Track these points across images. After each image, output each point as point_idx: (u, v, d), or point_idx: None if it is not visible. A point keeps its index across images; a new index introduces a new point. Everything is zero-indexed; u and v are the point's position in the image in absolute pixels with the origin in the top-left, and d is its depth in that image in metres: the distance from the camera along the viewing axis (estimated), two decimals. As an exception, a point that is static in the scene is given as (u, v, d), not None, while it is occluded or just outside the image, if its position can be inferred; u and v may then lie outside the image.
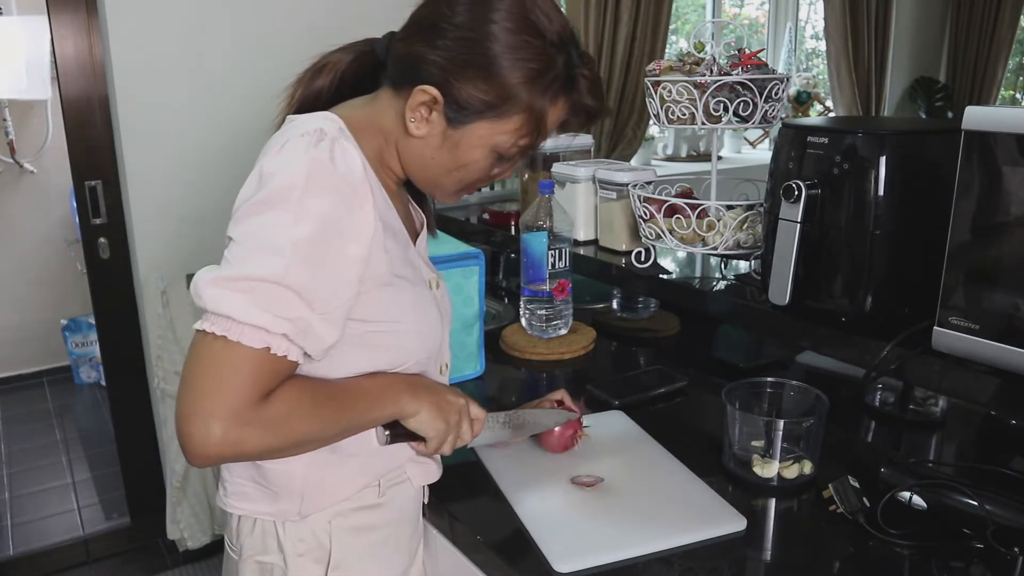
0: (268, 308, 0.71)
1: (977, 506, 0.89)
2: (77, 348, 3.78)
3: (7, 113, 3.60)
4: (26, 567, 2.47)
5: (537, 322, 1.52)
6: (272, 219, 0.73)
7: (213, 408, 0.70)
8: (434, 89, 0.80)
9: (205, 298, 0.72)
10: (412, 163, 0.86)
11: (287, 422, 0.75)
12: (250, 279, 0.71)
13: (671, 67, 1.42)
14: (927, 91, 4.31)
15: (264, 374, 0.72)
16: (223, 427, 0.70)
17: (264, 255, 0.72)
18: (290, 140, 0.77)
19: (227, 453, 0.72)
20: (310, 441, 0.79)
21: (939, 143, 1.06)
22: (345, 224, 0.75)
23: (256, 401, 0.72)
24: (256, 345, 0.71)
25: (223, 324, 0.71)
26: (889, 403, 1.27)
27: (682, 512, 0.96)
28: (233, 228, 0.75)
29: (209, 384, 0.71)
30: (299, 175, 0.74)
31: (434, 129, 0.82)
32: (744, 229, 1.36)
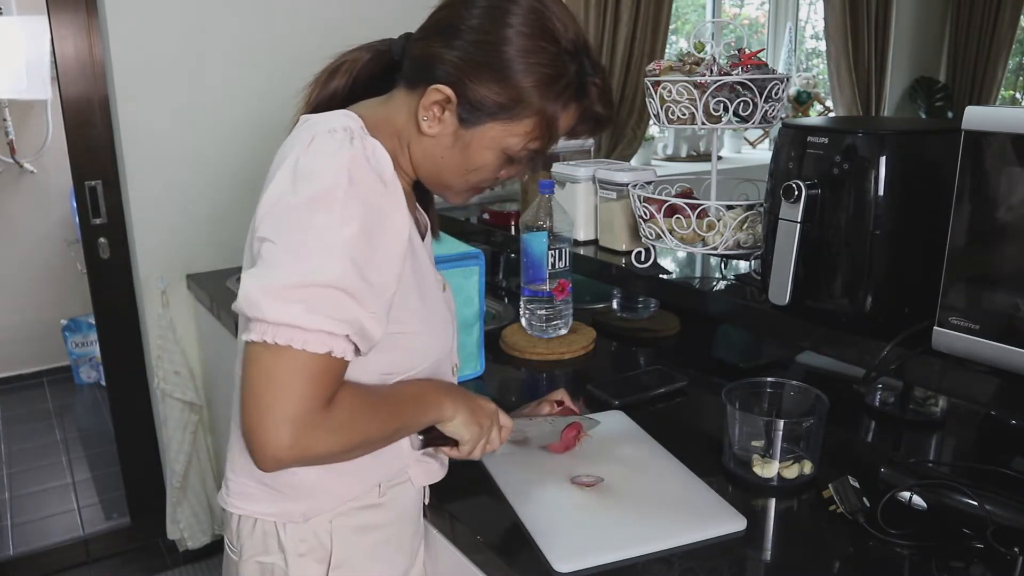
0: (328, 312, 0.72)
1: (977, 506, 0.89)
2: (77, 348, 3.78)
3: (7, 113, 3.60)
4: (26, 567, 2.47)
5: (537, 322, 1.52)
6: (320, 221, 0.72)
7: (284, 414, 0.71)
8: (448, 88, 0.81)
9: (264, 309, 0.71)
10: (424, 163, 0.87)
11: (351, 425, 0.76)
12: (305, 285, 0.71)
13: (671, 67, 1.42)
14: (927, 91, 4.31)
15: (328, 377, 0.74)
16: (294, 432, 0.71)
17: (315, 258, 0.72)
18: (318, 136, 0.76)
19: (299, 457, 0.73)
20: (369, 444, 0.81)
21: (939, 143, 1.06)
22: (387, 221, 0.76)
23: (323, 405, 0.73)
24: (320, 350, 0.72)
25: (286, 334, 0.71)
26: (889, 403, 1.27)
27: (682, 512, 0.96)
28: (272, 229, 0.74)
29: (277, 392, 0.71)
30: (341, 173, 0.73)
31: (446, 129, 0.83)
32: (744, 229, 1.36)
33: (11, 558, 2.48)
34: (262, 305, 0.71)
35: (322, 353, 0.72)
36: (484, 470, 1.08)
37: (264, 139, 1.43)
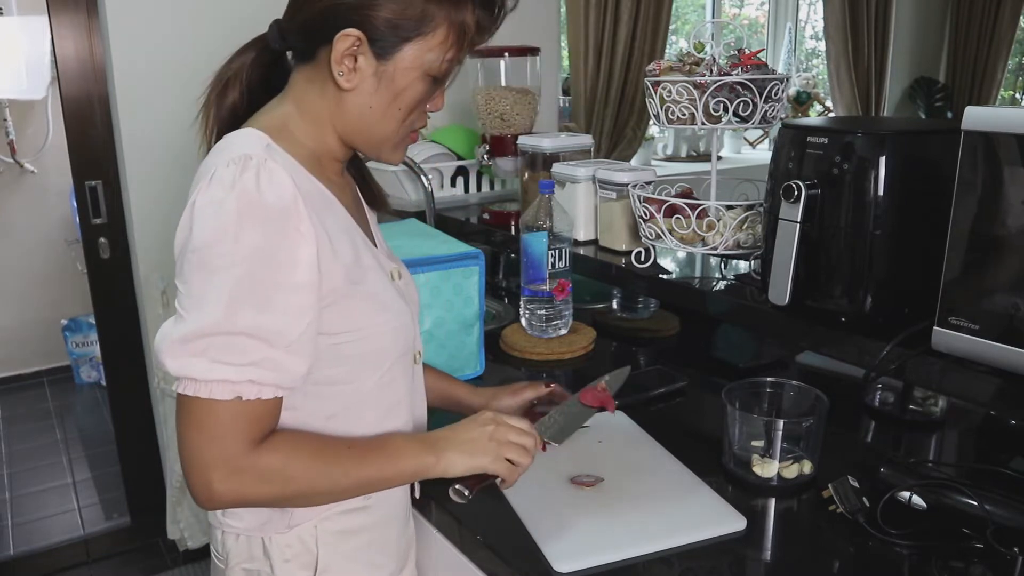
0: (227, 360, 0.73)
1: (977, 506, 0.89)
2: (77, 348, 3.78)
3: (7, 113, 3.60)
4: (26, 567, 2.47)
5: (537, 322, 1.52)
6: (209, 266, 0.73)
7: (207, 459, 0.74)
8: (355, 30, 0.78)
9: (168, 367, 0.74)
10: (352, 123, 0.84)
11: (284, 471, 0.77)
12: (202, 335, 0.73)
13: (671, 67, 1.42)
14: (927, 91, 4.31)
15: (245, 421, 0.75)
16: (219, 476, 0.74)
17: (209, 306, 0.73)
18: (217, 171, 0.75)
19: (231, 500, 0.76)
20: (320, 492, 0.81)
21: (939, 143, 1.06)
22: (283, 254, 0.74)
23: (246, 448, 0.75)
24: (226, 397, 0.73)
25: (192, 386, 0.74)
26: (889, 403, 1.27)
27: (682, 512, 0.96)
28: (178, 276, 0.77)
29: (198, 439, 0.74)
30: (229, 214, 0.73)
31: (365, 73, 0.81)
32: (744, 229, 1.36)
33: (11, 558, 2.48)
34: (166, 361, 0.74)
35: (230, 399, 0.73)
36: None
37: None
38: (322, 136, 0.85)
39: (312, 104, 0.84)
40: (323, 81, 0.82)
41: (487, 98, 1.96)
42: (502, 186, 2.22)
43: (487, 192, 2.21)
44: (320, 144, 0.86)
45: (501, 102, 1.95)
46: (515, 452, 0.87)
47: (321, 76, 0.82)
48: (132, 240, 2.15)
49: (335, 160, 0.88)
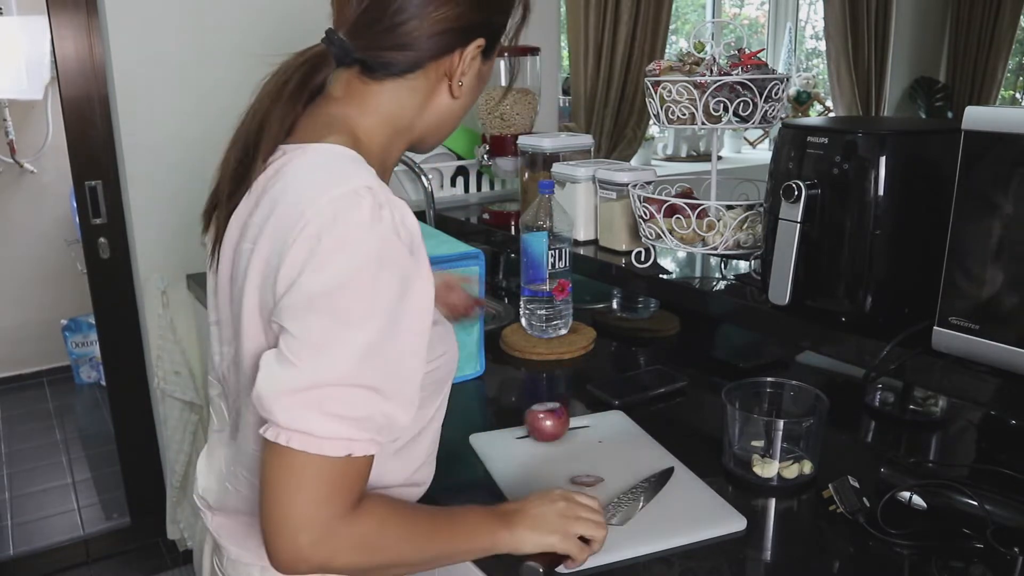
0: (345, 413, 0.67)
1: (977, 506, 0.89)
2: (77, 348, 3.78)
3: (7, 113, 3.60)
4: (26, 567, 2.47)
5: (537, 322, 1.52)
6: (341, 313, 0.66)
7: (301, 520, 0.67)
8: (482, 38, 0.80)
9: (276, 415, 0.67)
10: (437, 127, 0.85)
11: (379, 539, 0.72)
12: (320, 385, 0.66)
13: (671, 67, 1.42)
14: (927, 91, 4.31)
15: (349, 480, 0.69)
16: (311, 539, 0.67)
17: (336, 357, 0.66)
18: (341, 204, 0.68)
19: (318, 566, 0.69)
20: (401, 564, 0.76)
21: (939, 143, 1.06)
22: (414, 297, 0.70)
23: (346, 511, 0.69)
24: (339, 454, 0.67)
25: (301, 440, 0.66)
26: (889, 403, 1.27)
27: (682, 512, 0.96)
28: (289, 317, 0.68)
29: (293, 497, 0.67)
30: (371, 259, 0.67)
31: (472, 76, 0.82)
32: (744, 229, 1.36)
33: (11, 558, 2.48)
34: (274, 409, 0.67)
35: (341, 456, 0.67)
36: (484, 470, 1.08)
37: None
38: (396, 143, 0.83)
39: (401, 113, 0.81)
40: (423, 91, 0.81)
41: (487, 98, 1.96)
42: (502, 186, 2.22)
43: (487, 192, 2.21)
44: (388, 152, 0.83)
45: (501, 102, 1.95)
46: (585, 528, 0.83)
47: (422, 86, 0.80)
48: (132, 240, 2.14)
49: (392, 167, 0.86)
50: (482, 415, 1.33)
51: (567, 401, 1.32)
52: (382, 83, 0.80)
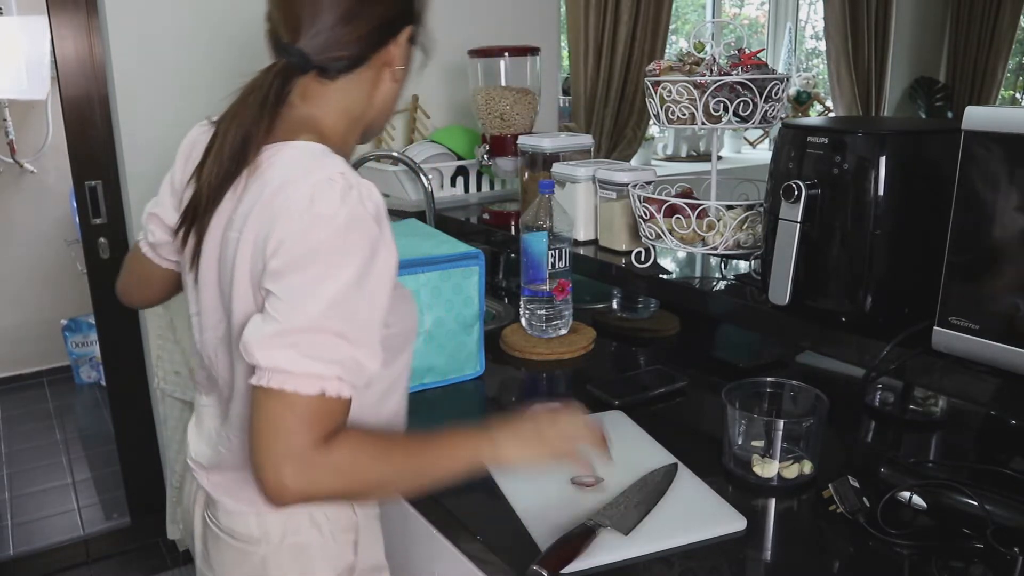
0: (319, 355, 0.77)
1: (977, 506, 0.89)
2: (77, 348, 3.78)
3: (7, 113, 3.60)
4: (26, 567, 2.47)
5: (537, 322, 1.52)
6: (314, 272, 0.78)
7: (281, 453, 0.76)
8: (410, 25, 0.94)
9: (257, 357, 0.77)
10: (382, 112, 0.97)
11: (355, 463, 0.80)
12: (296, 331, 0.76)
13: (671, 67, 1.42)
14: (927, 91, 4.31)
15: (322, 416, 0.78)
16: (293, 469, 0.76)
17: (307, 306, 0.77)
18: (317, 188, 0.80)
19: (303, 494, 0.78)
20: (383, 484, 0.85)
21: (939, 143, 1.06)
22: (379, 262, 0.81)
23: (319, 444, 0.77)
24: (312, 392, 0.76)
25: (279, 378, 0.76)
26: (889, 403, 1.27)
27: (682, 512, 0.96)
28: (272, 282, 0.79)
29: (274, 433, 0.76)
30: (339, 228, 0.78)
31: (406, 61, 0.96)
32: (744, 229, 1.36)
33: (11, 558, 2.48)
34: (256, 352, 0.77)
35: (314, 394, 0.76)
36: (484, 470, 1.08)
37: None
38: (352, 132, 0.95)
39: (355, 104, 0.93)
40: (368, 81, 0.93)
41: (487, 98, 1.96)
42: (502, 186, 2.22)
43: (487, 192, 2.21)
44: (347, 141, 0.95)
45: (501, 102, 1.95)
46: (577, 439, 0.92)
47: (368, 78, 0.92)
48: (132, 240, 2.14)
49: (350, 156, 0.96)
50: (482, 415, 1.33)
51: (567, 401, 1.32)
52: (336, 81, 0.91)
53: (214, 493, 0.96)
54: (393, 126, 2.32)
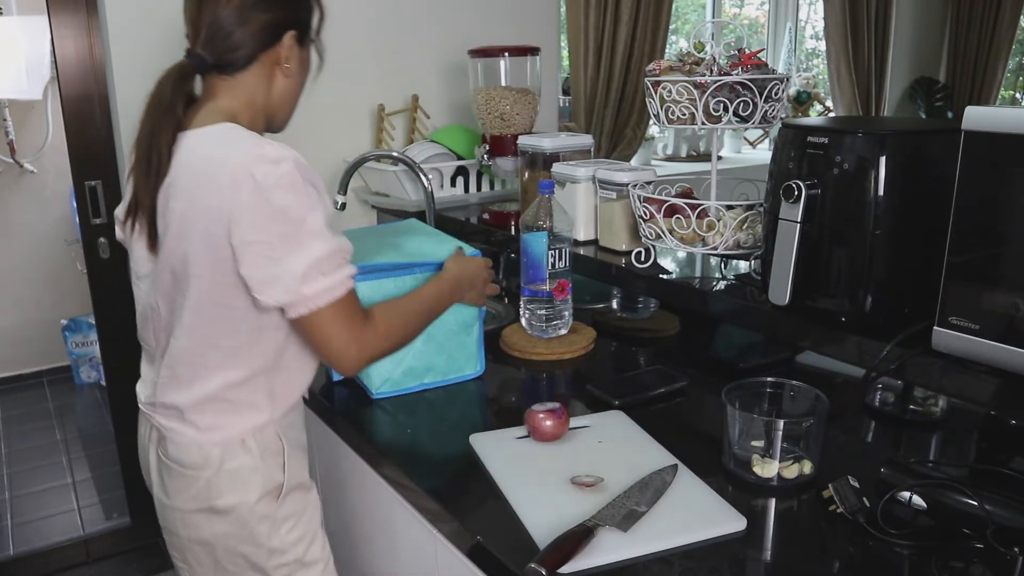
0: (334, 268, 1.03)
1: (977, 506, 0.89)
2: (77, 348, 3.78)
3: (7, 113, 3.60)
4: (26, 567, 2.47)
5: (537, 322, 1.52)
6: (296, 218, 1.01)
7: (346, 341, 1.05)
8: (294, 31, 1.13)
9: (305, 291, 1.01)
10: (282, 103, 1.17)
11: (391, 323, 1.12)
12: (316, 262, 1.01)
13: (671, 67, 1.42)
14: (927, 91, 4.31)
15: (355, 303, 1.07)
16: (357, 347, 1.06)
17: (307, 243, 1.01)
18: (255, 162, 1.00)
19: (370, 357, 1.09)
20: (411, 331, 1.18)
21: (939, 143, 1.06)
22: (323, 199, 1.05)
23: (365, 321, 1.07)
24: (343, 293, 1.04)
25: (325, 297, 1.02)
26: (889, 403, 1.27)
27: (682, 512, 0.96)
28: (257, 233, 1.00)
29: (337, 333, 1.04)
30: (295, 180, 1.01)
31: (295, 61, 1.15)
32: (744, 229, 1.36)
33: (11, 558, 2.48)
34: (301, 290, 1.01)
35: (344, 294, 1.04)
36: (484, 470, 1.08)
37: (264, 139, 1.43)
38: (257, 119, 1.14)
39: (255, 95, 1.13)
40: (263, 76, 1.13)
41: (487, 98, 1.96)
42: (502, 186, 2.22)
43: (487, 192, 2.21)
44: (255, 128, 1.12)
45: (501, 102, 1.95)
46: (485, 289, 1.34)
47: (263, 74, 1.13)
48: (132, 240, 2.14)
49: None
50: (482, 415, 1.33)
51: (567, 401, 1.32)
52: (235, 76, 1.11)
53: (165, 429, 1.14)
54: (393, 126, 2.33)
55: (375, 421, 1.29)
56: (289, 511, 1.16)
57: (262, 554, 1.15)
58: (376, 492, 1.27)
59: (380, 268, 1.30)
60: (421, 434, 1.23)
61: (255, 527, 1.13)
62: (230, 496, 1.11)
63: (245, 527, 1.13)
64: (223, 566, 1.16)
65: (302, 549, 1.19)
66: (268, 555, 1.15)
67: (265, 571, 1.16)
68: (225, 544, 1.14)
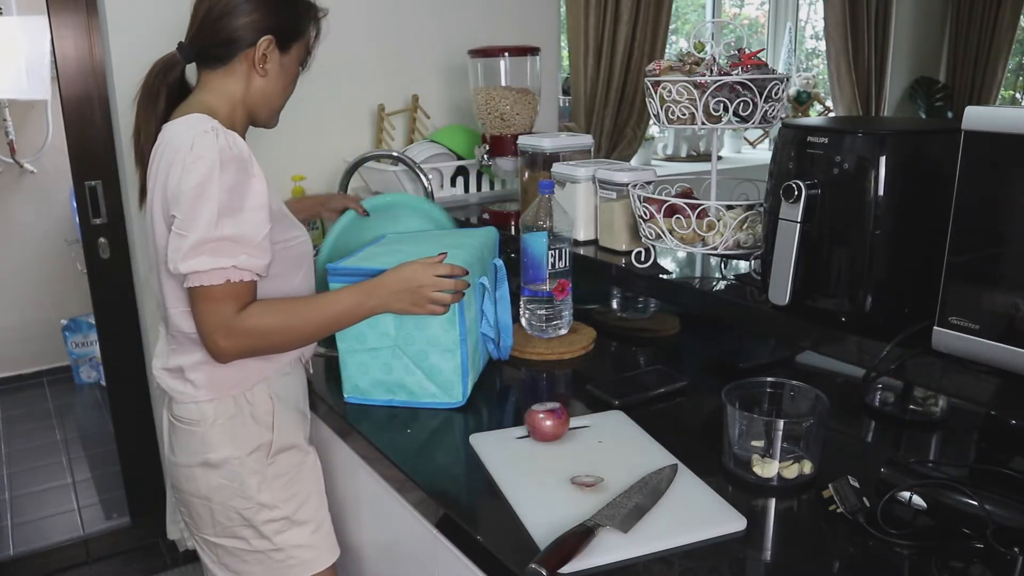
0: (218, 256, 1.08)
1: (977, 506, 0.89)
2: (77, 348, 3.78)
3: (7, 113, 3.60)
4: (26, 567, 2.47)
5: (537, 322, 1.52)
6: (202, 197, 1.07)
7: (212, 325, 1.11)
8: (269, 35, 1.20)
9: (180, 268, 1.08)
10: (261, 101, 1.25)
11: (265, 321, 1.14)
12: (201, 243, 1.08)
13: (671, 67, 1.42)
14: (927, 91, 4.31)
15: (232, 296, 1.11)
16: (222, 335, 1.11)
17: (203, 222, 1.07)
18: (197, 138, 1.10)
19: (235, 350, 1.13)
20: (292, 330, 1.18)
21: (939, 143, 1.06)
22: (247, 187, 1.11)
23: (235, 314, 1.11)
24: (219, 281, 1.09)
25: (197, 278, 1.09)
26: (889, 403, 1.27)
27: (682, 512, 0.96)
28: (176, 209, 1.09)
29: (205, 315, 1.11)
30: (215, 164, 1.08)
31: (274, 64, 1.23)
32: (744, 229, 1.36)
33: (11, 558, 2.48)
34: (179, 265, 1.08)
35: (221, 283, 1.09)
36: (484, 471, 1.08)
37: (261, 138, 1.44)
38: (237, 113, 1.23)
39: (234, 90, 1.22)
40: (242, 74, 1.22)
41: (487, 98, 1.96)
42: (502, 186, 2.22)
43: (487, 192, 2.21)
44: (233, 120, 1.22)
45: (501, 102, 1.95)
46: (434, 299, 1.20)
47: (241, 71, 1.22)
48: (132, 240, 2.15)
49: (243, 132, 1.25)
50: (482, 415, 1.33)
51: (567, 401, 1.32)
52: (216, 71, 1.22)
53: (170, 389, 1.24)
54: (393, 126, 2.33)
55: (375, 421, 1.29)
56: (281, 469, 1.26)
57: (252, 508, 1.23)
58: (376, 492, 1.27)
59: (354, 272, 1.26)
60: (421, 434, 1.23)
61: (246, 479, 1.23)
62: (222, 450, 1.22)
63: (236, 479, 1.23)
64: (219, 520, 1.25)
65: (292, 507, 1.26)
66: (258, 509, 1.23)
67: (255, 526, 1.24)
68: (220, 497, 1.23)
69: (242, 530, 1.25)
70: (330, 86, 2.18)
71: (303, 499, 1.28)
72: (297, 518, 1.27)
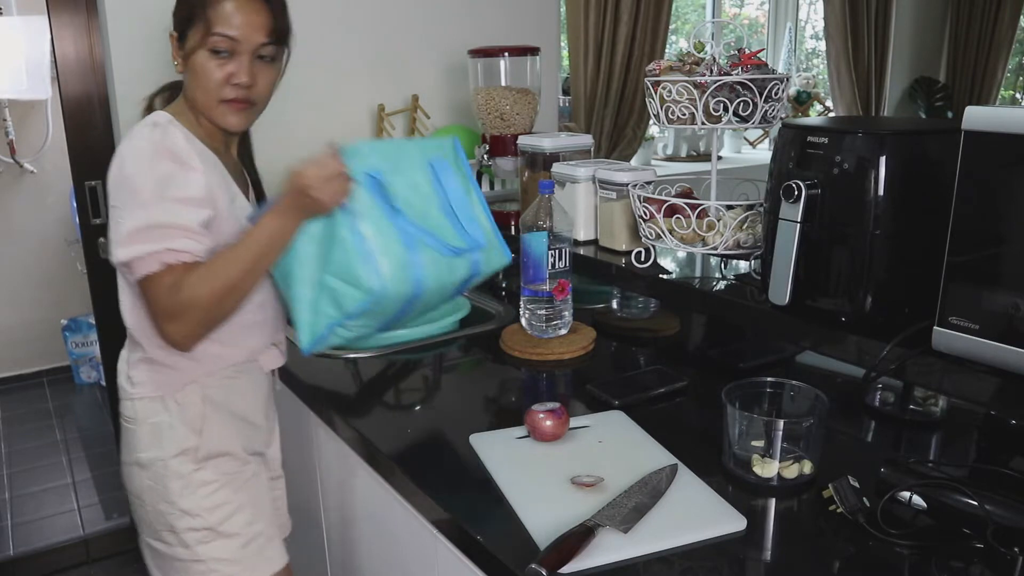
0: (154, 243, 1.07)
1: (977, 506, 0.89)
2: (77, 348, 3.78)
3: (7, 113, 3.60)
4: (26, 567, 2.47)
5: (537, 322, 1.52)
6: (135, 186, 1.08)
7: (161, 316, 1.09)
8: (173, 31, 1.21)
9: (121, 255, 1.07)
10: (192, 98, 1.20)
11: (197, 292, 1.07)
12: (134, 230, 1.07)
13: (671, 67, 1.42)
14: (927, 91, 4.31)
15: (170, 279, 1.07)
16: (167, 321, 1.09)
17: (137, 211, 1.07)
18: (135, 130, 1.13)
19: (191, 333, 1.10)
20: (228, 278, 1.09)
21: (939, 143, 1.06)
22: (181, 177, 1.10)
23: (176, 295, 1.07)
24: (155, 269, 1.07)
25: (136, 267, 1.07)
26: (889, 403, 1.27)
27: (682, 512, 0.96)
28: (112, 198, 1.10)
29: (152, 306, 1.10)
30: (146, 153, 1.10)
31: (181, 59, 1.21)
32: (744, 229, 1.36)
33: (11, 558, 2.48)
34: (117, 256, 1.08)
35: (158, 269, 1.07)
36: (485, 471, 1.08)
37: (261, 138, 1.44)
38: (194, 108, 1.20)
39: (186, 96, 1.21)
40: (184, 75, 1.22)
41: (487, 98, 1.96)
42: (502, 186, 2.22)
43: (487, 192, 2.21)
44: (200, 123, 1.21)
45: (501, 102, 1.95)
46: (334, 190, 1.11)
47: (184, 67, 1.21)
48: (132, 240, 2.14)
49: (215, 134, 1.22)
50: (482, 415, 1.33)
51: (567, 401, 1.32)
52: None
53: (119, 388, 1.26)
54: (393, 126, 2.33)
55: (375, 421, 1.29)
56: (208, 477, 1.22)
57: (175, 514, 1.20)
58: (376, 492, 1.27)
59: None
60: (421, 434, 1.23)
61: (169, 483, 1.20)
62: (149, 451, 1.21)
63: (160, 482, 1.20)
64: (149, 522, 1.23)
65: (218, 518, 1.22)
66: (180, 516, 1.20)
67: (177, 534, 1.21)
68: (149, 499, 1.22)
69: (167, 535, 1.22)
70: (330, 86, 2.18)
71: (232, 510, 1.23)
72: (223, 529, 1.22)
